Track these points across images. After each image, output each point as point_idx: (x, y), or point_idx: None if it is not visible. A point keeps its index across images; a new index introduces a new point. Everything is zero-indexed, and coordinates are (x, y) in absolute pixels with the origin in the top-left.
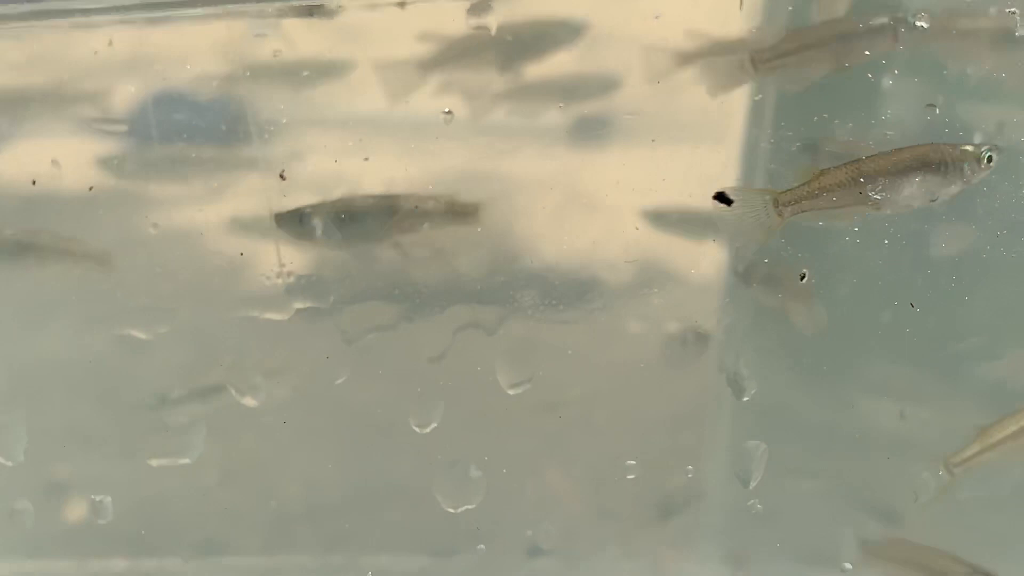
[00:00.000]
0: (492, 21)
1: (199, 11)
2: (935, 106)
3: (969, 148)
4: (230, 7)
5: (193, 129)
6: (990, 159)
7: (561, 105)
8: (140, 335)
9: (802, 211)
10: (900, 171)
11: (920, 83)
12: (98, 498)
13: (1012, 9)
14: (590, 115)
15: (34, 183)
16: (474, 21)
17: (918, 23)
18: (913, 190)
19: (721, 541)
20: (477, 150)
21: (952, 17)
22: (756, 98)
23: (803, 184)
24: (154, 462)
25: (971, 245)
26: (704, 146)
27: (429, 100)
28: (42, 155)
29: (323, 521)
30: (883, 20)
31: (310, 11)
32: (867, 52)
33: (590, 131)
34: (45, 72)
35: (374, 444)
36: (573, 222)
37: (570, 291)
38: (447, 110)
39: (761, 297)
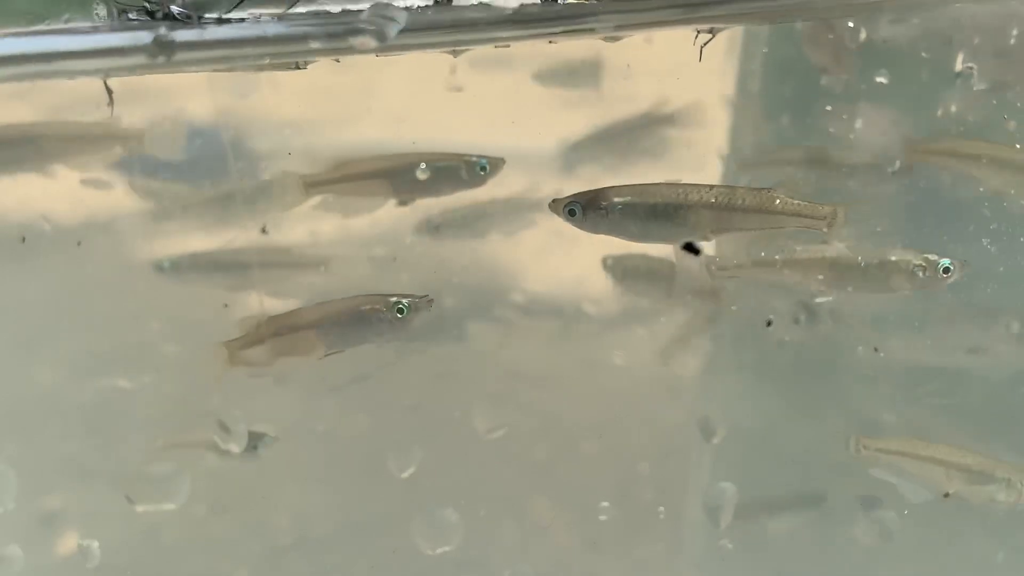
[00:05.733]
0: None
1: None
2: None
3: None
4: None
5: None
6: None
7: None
8: (125, 369)
9: None
10: None
11: (891, 112)
12: (88, 540)
13: (970, 65)
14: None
15: (23, 240)
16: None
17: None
18: None
19: (702, 570)
20: None
21: None
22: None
23: None
24: (140, 508)
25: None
26: (685, 175)
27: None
28: (30, 198)
29: (312, 554)
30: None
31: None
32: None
33: (576, 163)
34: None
35: (362, 479)
36: (558, 255)
37: (555, 323)
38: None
39: None
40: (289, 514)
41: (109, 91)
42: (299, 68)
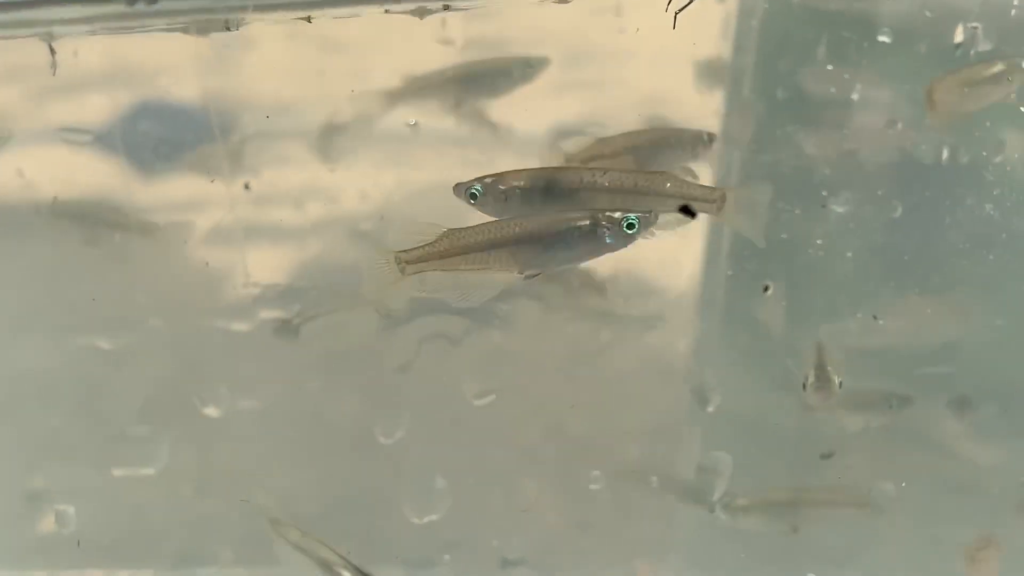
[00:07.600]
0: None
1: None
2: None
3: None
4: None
5: (163, 139)
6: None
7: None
8: (108, 345)
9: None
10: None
11: (885, 102)
12: (71, 509)
13: (974, 24)
14: (567, 127)
15: None
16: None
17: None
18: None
19: (694, 550)
20: (451, 160)
21: None
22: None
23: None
24: (118, 472)
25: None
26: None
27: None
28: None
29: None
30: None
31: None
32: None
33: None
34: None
35: (348, 455)
36: None
37: (543, 301)
38: (412, 121)
39: None
40: (275, 491)
41: (52, 52)
42: None
